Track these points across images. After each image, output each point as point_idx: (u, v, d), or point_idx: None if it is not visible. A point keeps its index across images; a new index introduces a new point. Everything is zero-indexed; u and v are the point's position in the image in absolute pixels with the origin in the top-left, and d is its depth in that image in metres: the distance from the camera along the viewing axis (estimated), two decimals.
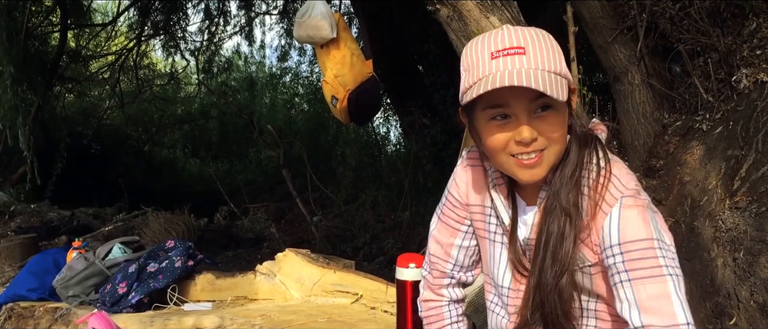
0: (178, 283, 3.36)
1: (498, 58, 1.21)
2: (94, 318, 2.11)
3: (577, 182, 1.27)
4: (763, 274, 2.23)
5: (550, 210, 1.28)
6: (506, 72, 1.18)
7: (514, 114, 1.22)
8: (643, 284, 1.18)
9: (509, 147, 1.24)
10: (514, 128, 1.22)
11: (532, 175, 1.25)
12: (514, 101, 1.21)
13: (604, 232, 1.24)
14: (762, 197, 2.36)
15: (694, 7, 2.86)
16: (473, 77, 1.23)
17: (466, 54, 1.28)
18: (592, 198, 1.26)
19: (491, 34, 1.25)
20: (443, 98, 6.64)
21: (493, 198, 1.41)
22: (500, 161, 1.28)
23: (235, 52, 12.60)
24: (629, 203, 1.23)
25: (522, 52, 1.20)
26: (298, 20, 3.68)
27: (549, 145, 1.23)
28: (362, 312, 2.90)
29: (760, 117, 2.51)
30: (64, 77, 10.27)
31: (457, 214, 1.53)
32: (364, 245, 6.61)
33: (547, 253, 1.27)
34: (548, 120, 1.22)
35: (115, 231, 6.35)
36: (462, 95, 1.27)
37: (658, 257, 1.19)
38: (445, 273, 1.57)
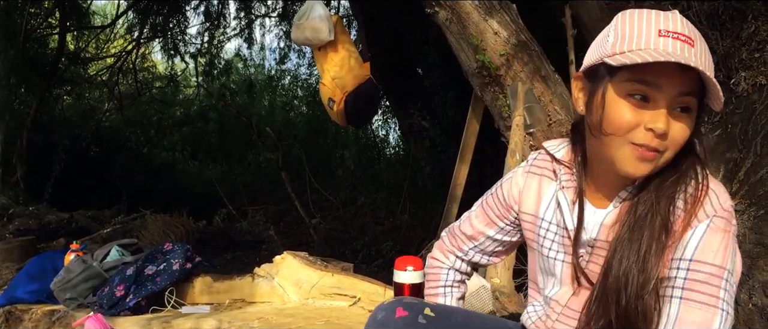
0: (176, 286, 3.35)
1: (667, 37, 1.12)
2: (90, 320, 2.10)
3: (674, 197, 1.19)
4: (762, 277, 2.23)
5: (642, 217, 1.19)
6: (676, 53, 1.10)
7: (656, 100, 1.13)
8: (693, 307, 1.14)
9: (636, 133, 1.14)
10: (651, 113, 1.13)
11: (638, 169, 1.16)
12: (666, 86, 1.12)
13: (683, 243, 1.17)
14: (761, 200, 2.35)
15: (693, 10, 2.86)
16: (631, 45, 1.14)
17: (624, 20, 1.18)
18: (686, 211, 1.18)
19: (658, 12, 1.16)
20: (442, 100, 6.64)
21: (560, 201, 1.33)
22: (613, 142, 1.17)
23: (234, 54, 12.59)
24: (720, 226, 1.16)
25: (691, 43, 1.12)
26: (297, 22, 3.69)
27: (669, 148, 1.15)
28: (360, 314, 2.90)
29: (759, 120, 2.50)
30: (63, 79, 10.27)
31: (499, 210, 1.50)
32: (362, 247, 6.61)
33: (632, 260, 1.17)
34: (683, 122, 1.15)
35: (113, 234, 6.34)
36: (608, 56, 1.15)
37: (720, 288, 1.14)
38: (461, 249, 1.59)
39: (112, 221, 7.39)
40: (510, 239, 1.54)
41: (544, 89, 3.03)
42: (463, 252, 1.59)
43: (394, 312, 1.35)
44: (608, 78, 1.18)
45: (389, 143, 11.06)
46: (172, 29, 10.30)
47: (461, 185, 3.77)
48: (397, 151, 10.43)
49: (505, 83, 3.10)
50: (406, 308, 1.36)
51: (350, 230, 7.14)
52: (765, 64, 2.61)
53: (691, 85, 1.12)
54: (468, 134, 3.66)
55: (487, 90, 3.20)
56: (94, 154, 10.94)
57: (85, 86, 11.32)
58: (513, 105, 3.03)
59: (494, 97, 3.18)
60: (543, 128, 3.01)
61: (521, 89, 2.99)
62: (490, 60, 3.07)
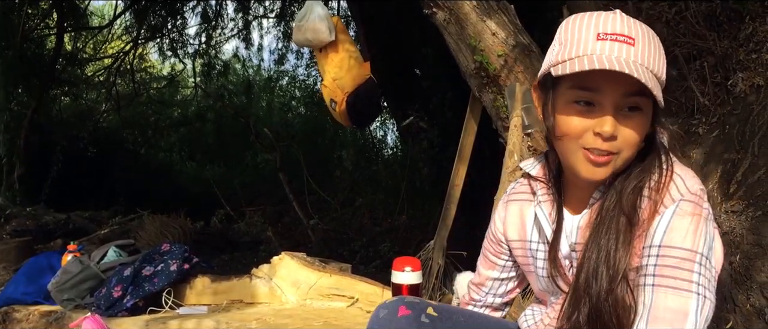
0: (173, 287, 3.34)
1: (605, 40, 1.13)
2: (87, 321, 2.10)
3: (640, 189, 1.19)
4: (760, 278, 2.23)
5: (607, 211, 1.20)
6: (612, 57, 1.11)
7: (601, 104, 1.14)
8: (666, 293, 1.12)
9: (584, 138, 1.16)
10: (597, 118, 1.14)
11: (594, 173, 1.17)
12: (608, 90, 1.13)
13: (651, 230, 1.16)
14: (758, 201, 2.35)
15: (691, 11, 2.86)
16: (570, 52, 1.15)
17: (566, 27, 1.19)
18: (651, 199, 1.18)
19: (600, 14, 1.17)
20: (441, 101, 6.65)
21: (537, 215, 1.34)
22: (567, 148, 1.19)
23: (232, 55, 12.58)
24: (687, 209, 1.15)
25: (631, 43, 1.12)
26: (297, 24, 3.69)
27: (623, 149, 1.16)
28: (358, 315, 2.90)
29: (756, 121, 2.51)
30: (61, 80, 10.25)
31: (495, 249, 1.51)
32: (360, 248, 6.61)
33: (600, 256, 1.18)
34: (633, 122, 1.15)
35: (110, 234, 6.34)
36: (551, 66, 1.18)
37: (693, 271, 1.12)
38: (474, 299, 1.59)
39: (109, 222, 7.38)
40: (516, 274, 1.54)
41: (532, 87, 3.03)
42: (476, 301, 1.59)
43: (396, 311, 1.34)
44: (554, 87, 1.20)
45: (387, 144, 11.07)
46: (170, 30, 10.29)
47: (459, 185, 3.77)
48: (395, 152, 10.44)
49: (503, 83, 3.10)
50: (408, 307, 1.35)
51: (348, 231, 7.15)
52: (762, 65, 2.61)
53: (637, 84, 1.10)
54: (466, 135, 3.66)
55: (485, 91, 3.20)
56: (92, 155, 10.92)
57: (82, 86, 11.31)
58: (511, 106, 3.02)
59: (492, 97, 3.17)
60: (541, 129, 3.01)
61: (519, 90, 2.99)
62: (488, 60, 3.07)
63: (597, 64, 1.09)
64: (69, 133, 10.54)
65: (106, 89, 11.08)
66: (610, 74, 1.10)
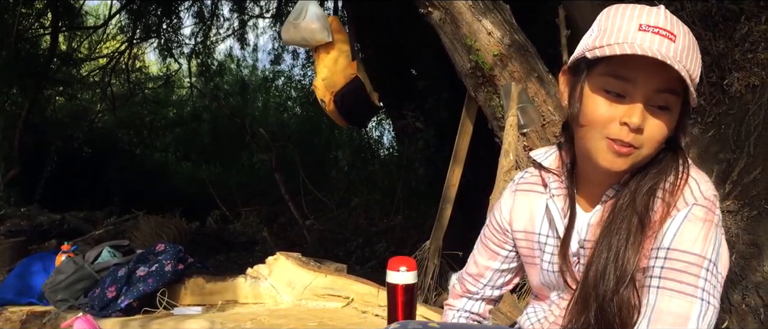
0: (167, 287, 3.33)
1: (647, 32, 1.10)
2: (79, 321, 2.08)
3: (655, 190, 1.18)
4: (755, 278, 2.23)
5: (621, 210, 1.18)
6: (653, 48, 1.08)
7: (632, 95, 1.12)
8: (670, 297, 1.11)
9: (610, 127, 1.13)
10: (626, 108, 1.12)
11: (614, 163, 1.15)
12: (642, 82, 1.11)
13: (662, 232, 1.15)
14: (753, 200, 2.36)
15: (687, 11, 2.86)
16: (610, 39, 1.13)
17: (607, 15, 1.17)
18: (665, 200, 1.17)
19: (643, 7, 1.14)
20: (437, 101, 6.64)
21: (550, 208, 1.32)
22: (589, 136, 1.16)
23: (227, 55, 12.55)
24: (699, 215, 1.14)
25: (672, 39, 1.10)
26: (292, 21, 3.66)
27: (645, 145, 1.14)
28: (353, 315, 2.89)
29: (752, 121, 2.51)
30: (55, 80, 10.21)
31: (498, 238, 1.47)
32: (356, 248, 6.60)
33: (609, 255, 1.16)
34: (661, 120, 1.13)
35: (105, 235, 6.31)
36: (587, 50, 1.15)
37: (699, 277, 1.11)
38: (470, 291, 1.55)
39: (104, 222, 7.35)
40: (517, 265, 1.51)
41: (538, 89, 3.03)
42: (472, 293, 1.55)
43: None
44: (587, 72, 1.17)
45: (383, 144, 11.06)
46: (166, 30, 10.27)
47: (455, 185, 3.77)
48: (390, 152, 10.43)
49: (498, 83, 3.10)
50: None
51: (344, 231, 7.14)
52: (758, 65, 2.62)
53: (671, 82, 1.10)
54: (461, 135, 3.65)
55: (481, 90, 3.19)
56: (87, 155, 10.88)
57: (77, 86, 11.26)
58: (506, 105, 3.02)
59: (488, 97, 3.17)
60: (536, 129, 3.01)
61: (515, 89, 2.99)
62: (483, 60, 3.06)
63: (639, 51, 1.07)
64: (64, 133, 10.50)
65: (101, 89, 11.05)
66: (646, 66, 1.09)
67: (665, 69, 1.08)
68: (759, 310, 2.17)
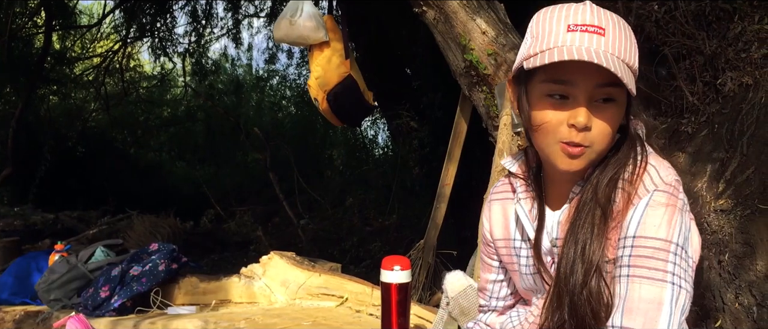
0: (161, 287, 3.32)
1: (575, 32, 1.13)
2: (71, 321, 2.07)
3: (616, 180, 1.19)
4: (748, 277, 2.23)
5: (584, 204, 1.20)
6: (583, 47, 1.11)
7: (575, 96, 1.14)
8: (641, 284, 1.12)
9: (560, 131, 1.15)
10: (571, 110, 1.14)
11: (570, 165, 1.17)
12: (581, 81, 1.13)
13: (626, 221, 1.17)
14: (747, 199, 2.36)
15: (680, 10, 2.87)
16: (542, 45, 1.15)
17: (537, 20, 1.20)
18: (625, 190, 1.18)
19: (570, 6, 1.17)
20: (431, 101, 6.64)
21: (518, 213, 1.33)
22: (544, 142, 1.19)
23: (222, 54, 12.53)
24: (661, 200, 1.15)
25: (601, 33, 1.13)
26: (287, 18, 3.64)
27: (597, 141, 1.15)
28: (347, 315, 2.89)
29: (745, 120, 2.51)
30: (49, 79, 10.18)
31: (486, 250, 1.49)
32: (351, 248, 6.60)
33: (577, 249, 1.17)
34: (606, 113, 1.15)
35: (99, 234, 6.30)
36: (523, 60, 1.18)
37: (668, 261, 1.12)
38: (483, 306, 1.56)
39: (98, 221, 7.34)
40: None
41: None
42: (483, 306, 1.56)
43: None
44: (528, 81, 1.20)
45: (378, 143, 11.05)
46: (160, 29, 10.24)
47: (449, 185, 3.77)
48: (385, 152, 10.42)
49: (492, 82, 3.10)
50: None
51: (338, 230, 7.13)
52: (751, 65, 2.62)
53: (609, 75, 1.10)
54: (456, 134, 3.65)
55: (475, 90, 3.19)
56: (80, 154, 10.85)
57: (71, 85, 11.22)
58: (501, 104, 3.02)
59: (482, 96, 3.17)
60: None
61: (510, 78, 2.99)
62: (478, 59, 3.06)
63: (566, 56, 1.09)
64: (57, 132, 10.48)
65: (95, 89, 11.01)
66: (581, 66, 1.10)
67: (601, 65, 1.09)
68: (752, 309, 2.18)
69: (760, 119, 2.48)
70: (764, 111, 2.48)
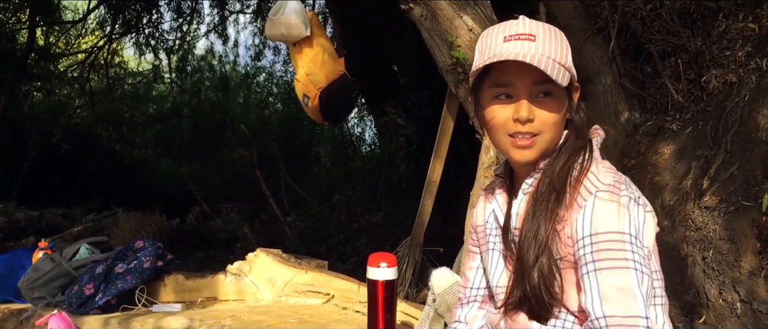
0: (147, 284, 3.30)
1: (509, 41, 1.32)
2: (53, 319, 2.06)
3: (567, 170, 1.33)
4: (732, 273, 2.25)
5: (540, 192, 1.34)
6: (513, 53, 1.29)
7: (516, 94, 1.32)
8: (608, 274, 1.21)
9: (507, 126, 1.33)
10: (515, 107, 1.32)
11: (523, 155, 1.34)
12: (519, 81, 1.31)
13: (578, 224, 1.27)
14: (731, 196, 2.38)
15: (665, 8, 2.88)
16: (485, 57, 1.34)
17: (482, 38, 1.39)
18: (570, 193, 1.31)
19: (507, 22, 1.37)
20: (418, 98, 6.64)
21: (493, 206, 1.49)
22: (498, 139, 1.37)
23: (208, 51, 12.45)
24: (604, 197, 1.26)
25: (532, 39, 1.32)
26: (271, 18, 3.65)
27: (543, 130, 1.32)
28: (334, 312, 2.88)
29: (729, 117, 2.53)
30: (33, 75, 10.09)
31: (472, 239, 1.61)
32: (337, 245, 6.59)
33: (530, 232, 1.32)
34: (547, 106, 1.32)
35: (84, 232, 6.25)
36: (471, 73, 1.37)
37: (625, 250, 1.22)
38: (465, 296, 1.61)
39: (82, 219, 7.29)
40: None
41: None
42: (463, 298, 1.62)
43: None
44: (479, 88, 1.40)
45: (365, 140, 11.03)
46: (145, 25, 10.17)
47: (436, 182, 3.77)
48: (372, 149, 10.41)
49: None
50: None
51: (325, 227, 7.12)
52: (735, 63, 2.64)
53: (541, 72, 1.27)
54: (443, 131, 3.65)
55: (462, 87, 3.19)
56: (65, 151, 10.77)
57: (55, 82, 11.13)
58: None
59: (468, 94, 3.17)
60: None
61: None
62: (464, 56, 3.07)
63: (504, 58, 1.28)
64: (41, 129, 10.39)
65: (80, 85, 10.93)
66: (519, 68, 1.29)
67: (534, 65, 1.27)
68: (736, 305, 2.20)
69: (744, 117, 2.50)
70: (748, 109, 2.50)
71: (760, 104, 2.48)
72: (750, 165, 2.42)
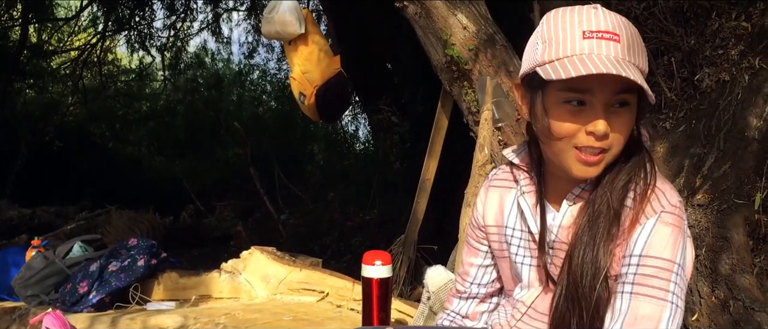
0: (140, 282, 3.30)
1: (591, 39, 1.12)
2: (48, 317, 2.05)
3: (628, 188, 1.21)
4: (724, 271, 2.26)
5: (597, 211, 1.20)
6: (603, 56, 1.10)
7: (592, 103, 1.14)
8: (643, 301, 1.14)
9: (576, 137, 1.15)
10: (589, 117, 1.14)
11: (587, 172, 1.18)
12: (599, 90, 1.13)
13: (632, 240, 1.18)
14: (723, 194, 2.39)
15: (659, 7, 2.89)
16: (558, 52, 1.14)
17: (549, 24, 1.17)
18: (634, 209, 1.20)
19: (582, 9, 1.15)
20: (412, 96, 6.64)
21: (522, 207, 1.34)
22: (558, 148, 1.19)
23: (201, 48, 12.42)
24: (668, 221, 1.17)
25: (616, 40, 1.12)
26: (266, 16, 3.65)
27: (614, 146, 1.16)
28: (328, 310, 2.88)
29: (722, 116, 2.54)
30: (25, 73, 10.04)
31: (476, 234, 1.49)
32: (331, 243, 6.59)
33: (587, 255, 1.19)
34: (622, 117, 1.15)
35: (77, 230, 6.22)
36: (537, 66, 1.16)
37: (670, 281, 1.15)
38: (460, 291, 1.55)
39: (75, 217, 7.26)
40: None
41: (513, 84, 3.04)
42: (461, 292, 1.55)
43: None
44: (543, 87, 1.18)
45: (359, 138, 11.03)
46: (138, 22, 10.13)
47: (430, 179, 3.78)
48: (366, 147, 10.41)
49: (473, 77, 3.11)
50: None
51: (320, 225, 7.11)
52: (728, 61, 2.65)
53: (626, 81, 1.10)
54: (437, 129, 3.66)
55: (456, 85, 3.20)
56: (58, 149, 10.72)
57: (48, 79, 11.09)
58: (481, 100, 3.03)
59: (463, 91, 3.18)
60: (511, 123, 3.02)
61: (489, 84, 3.00)
62: (459, 54, 3.07)
63: (591, 68, 1.08)
64: (34, 127, 10.34)
65: (73, 82, 10.89)
66: (599, 74, 1.08)
67: None
68: (728, 303, 2.21)
69: (736, 115, 2.51)
70: (741, 107, 2.52)
71: (753, 102, 2.49)
72: (742, 163, 2.43)
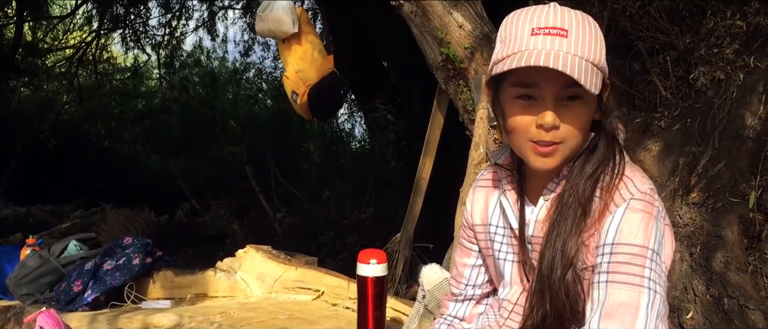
0: (135, 281, 3.29)
1: (538, 35, 1.16)
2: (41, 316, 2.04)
3: (597, 180, 1.23)
4: (719, 269, 2.27)
5: (565, 203, 1.23)
6: (544, 51, 1.13)
7: (542, 97, 1.17)
8: (619, 289, 1.14)
9: (529, 131, 1.19)
10: (539, 111, 1.17)
11: (544, 163, 1.21)
12: (545, 84, 1.16)
13: (603, 229, 1.20)
14: (718, 193, 2.40)
15: (654, 6, 2.90)
16: (508, 50, 1.18)
17: (505, 25, 1.23)
18: (602, 199, 1.22)
19: (536, 8, 1.19)
20: (408, 94, 6.65)
21: (503, 204, 1.36)
22: (517, 142, 1.23)
23: (197, 46, 12.39)
24: (637, 207, 1.18)
25: (564, 35, 1.15)
26: (260, 14, 3.65)
27: (568, 138, 1.19)
28: (324, 308, 2.88)
29: (717, 114, 2.55)
30: (20, 71, 10.01)
31: (467, 234, 1.51)
32: (327, 241, 6.59)
33: (557, 247, 1.22)
34: (574, 110, 1.18)
35: (72, 228, 6.21)
36: (493, 65, 1.22)
37: (644, 267, 1.15)
38: (455, 294, 1.55)
39: (70, 215, 7.24)
40: None
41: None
42: (456, 295, 1.55)
43: None
44: (499, 85, 1.25)
45: (355, 137, 11.03)
46: (133, 20, 10.10)
47: (426, 178, 3.78)
48: (362, 145, 10.41)
49: (469, 76, 3.11)
50: None
51: (315, 224, 7.11)
52: (723, 60, 2.66)
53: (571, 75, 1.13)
54: (432, 128, 3.66)
55: (452, 83, 3.20)
56: (53, 147, 10.70)
57: (43, 77, 11.06)
58: (477, 98, 3.03)
59: (458, 90, 3.18)
60: None
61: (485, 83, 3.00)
62: (454, 53, 3.07)
63: (531, 61, 1.12)
64: (29, 125, 10.32)
65: (68, 81, 10.86)
66: (545, 69, 1.12)
67: None
68: (722, 301, 2.21)
69: (731, 114, 2.52)
70: (736, 106, 2.52)
71: (748, 101, 2.50)
72: (737, 162, 2.44)
